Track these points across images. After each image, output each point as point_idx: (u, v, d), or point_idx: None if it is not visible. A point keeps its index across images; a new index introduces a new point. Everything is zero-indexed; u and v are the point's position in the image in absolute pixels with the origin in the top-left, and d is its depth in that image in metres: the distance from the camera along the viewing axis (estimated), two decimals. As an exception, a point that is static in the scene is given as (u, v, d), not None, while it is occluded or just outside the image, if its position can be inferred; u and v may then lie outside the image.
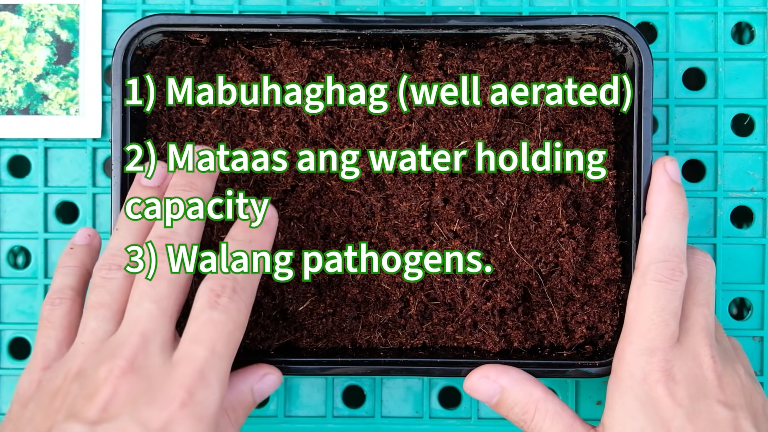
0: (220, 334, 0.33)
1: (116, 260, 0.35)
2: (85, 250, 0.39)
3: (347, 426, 0.44)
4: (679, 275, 0.37)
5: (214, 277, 0.34)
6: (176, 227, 0.35)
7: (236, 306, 0.34)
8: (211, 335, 0.33)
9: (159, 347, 0.33)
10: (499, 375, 0.38)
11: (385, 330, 0.41)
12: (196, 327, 0.33)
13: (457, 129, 0.41)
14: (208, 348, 0.33)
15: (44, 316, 0.36)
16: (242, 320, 0.34)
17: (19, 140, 0.44)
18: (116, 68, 0.39)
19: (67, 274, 0.38)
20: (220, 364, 0.33)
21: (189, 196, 0.36)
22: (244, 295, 0.34)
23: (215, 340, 0.33)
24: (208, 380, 0.32)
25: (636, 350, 0.36)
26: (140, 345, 0.32)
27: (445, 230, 0.41)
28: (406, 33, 0.40)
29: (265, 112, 0.41)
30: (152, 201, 0.37)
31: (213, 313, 0.33)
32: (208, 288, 0.34)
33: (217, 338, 0.33)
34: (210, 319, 0.33)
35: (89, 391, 0.32)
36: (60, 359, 0.35)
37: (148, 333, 0.33)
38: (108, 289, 0.35)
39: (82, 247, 0.39)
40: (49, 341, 0.35)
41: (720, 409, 0.35)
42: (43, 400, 0.33)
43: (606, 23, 0.39)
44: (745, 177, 0.44)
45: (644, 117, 0.39)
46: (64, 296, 0.37)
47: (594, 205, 0.41)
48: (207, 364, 0.32)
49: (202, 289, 0.34)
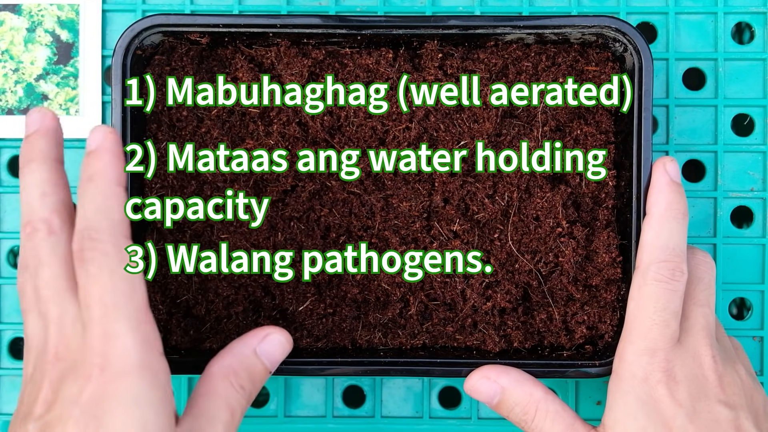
0: (101, 285, 0.31)
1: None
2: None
3: (347, 426, 0.44)
4: (679, 275, 0.37)
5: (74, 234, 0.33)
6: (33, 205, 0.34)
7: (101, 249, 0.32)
8: (96, 290, 0.31)
9: (74, 324, 0.32)
10: (500, 375, 0.38)
11: (385, 330, 0.41)
12: (82, 293, 0.32)
13: (457, 129, 0.41)
14: (98, 306, 0.31)
15: None
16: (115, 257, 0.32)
17: (19, 140, 0.44)
18: (116, 68, 0.39)
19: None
20: (117, 313, 0.31)
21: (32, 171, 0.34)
22: (104, 234, 0.32)
23: (100, 293, 0.31)
24: (115, 334, 0.31)
25: (637, 350, 0.36)
26: (59, 334, 0.32)
27: (445, 230, 0.41)
28: (406, 33, 0.40)
29: (265, 112, 0.41)
30: None
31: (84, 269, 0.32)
32: (73, 250, 0.32)
33: (101, 290, 0.31)
34: (85, 277, 0.32)
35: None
36: None
37: (58, 317, 0.32)
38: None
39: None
40: None
41: (721, 408, 0.35)
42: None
43: (606, 23, 0.39)
44: (745, 177, 0.44)
45: (644, 117, 0.39)
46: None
47: (594, 205, 0.41)
48: (105, 320, 0.31)
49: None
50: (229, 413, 0.33)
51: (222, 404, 0.33)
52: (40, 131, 0.35)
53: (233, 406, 0.34)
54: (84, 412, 0.30)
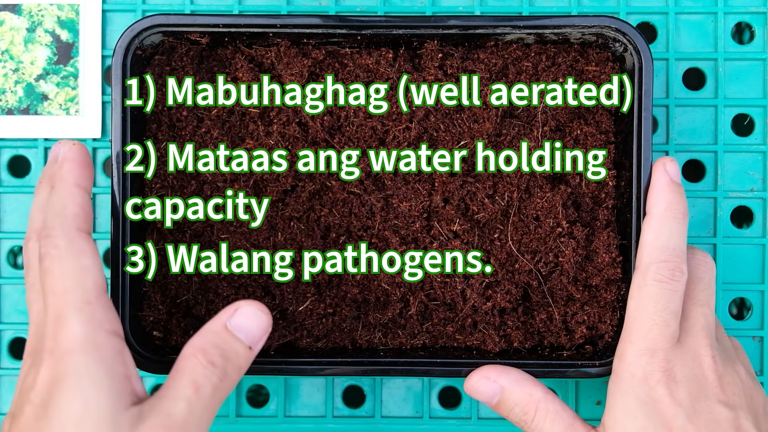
0: (54, 275, 0.32)
1: None
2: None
3: (347, 426, 0.44)
4: (679, 275, 0.37)
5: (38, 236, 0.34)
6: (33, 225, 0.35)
7: (54, 244, 0.33)
8: (47, 281, 0.32)
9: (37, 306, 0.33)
10: (500, 375, 0.38)
11: (385, 330, 0.41)
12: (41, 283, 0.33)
13: (457, 129, 0.41)
14: (51, 293, 0.32)
15: None
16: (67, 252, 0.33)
17: (19, 140, 0.44)
18: (116, 68, 0.39)
19: None
20: (65, 297, 0.32)
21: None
22: (56, 231, 0.33)
23: (52, 282, 0.32)
24: (63, 316, 0.31)
25: (637, 350, 0.36)
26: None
27: (445, 230, 0.41)
28: (406, 33, 0.40)
29: (265, 112, 0.41)
30: None
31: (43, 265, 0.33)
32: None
33: (53, 280, 0.32)
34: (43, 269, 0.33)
35: None
36: None
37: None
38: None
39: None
40: None
41: (721, 408, 0.35)
42: None
43: (606, 23, 0.39)
44: (745, 177, 0.44)
45: (644, 117, 0.39)
46: None
47: (594, 205, 0.41)
48: (55, 306, 0.32)
49: None
50: (192, 389, 0.32)
51: (186, 381, 0.32)
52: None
53: (199, 382, 0.32)
54: (38, 395, 0.31)
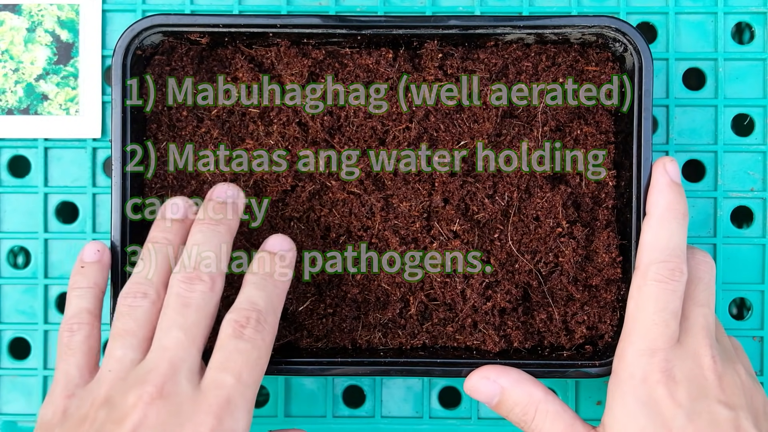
0: (246, 362, 0.34)
1: (141, 288, 0.36)
2: (96, 268, 0.38)
3: (347, 426, 0.44)
4: (679, 275, 0.37)
5: (238, 309, 0.35)
6: (203, 258, 0.36)
7: (261, 336, 0.35)
8: (238, 364, 0.34)
9: (187, 375, 0.33)
10: (500, 375, 0.38)
11: (385, 330, 0.41)
12: (223, 356, 0.34)
13: (457, 129, 0.41)
14: (235, 376, 0.33)
15: (64, 342, 0.36)
16: (266, 349, 0.35)
17: (19, 140, 0.44)
18: (116, 68, 0.39)
19: (82, 297, 0.37)
20: (246, 391, 0.34)
21: (215, 228, 0.37)
22: (267, 326, 0.35)
23: (241, 368, 0.34)
24: (236, 407, 0.33)
25: (636, 350, 0.36)
26: (169, 372, 0.33)
27: (445, 230, 0.41)
28: (406, 33, 0.40)
29: (265, 112, 0.41)
30: (172, 236, 0.37)
31: (239, 343, 0.34)
32: (233, 320, 0.35)
33: (243, 366, 0.34)
34: (236, 348, 0.34)
35: (118, 416, 0.32)
36: (84, 386, 0.35)
37: (177, 361, 0.34)
38: (134, 317, 0.35)
39: (93, 264, 0.38)
40: (70, 368, 0.36)
41: (720, 409, 0.35)
42: (70, 428, 0.33)
43: (606, 23, 0.39)
44: (745, 177, 0.44)
45: (644, 117, 0.39)
46: (82, 321, 0.37)
47: (594, 205, 0.41)
48: (234, 391, 0.33)
49: (227, 320, 0.35)
50: None
51: None
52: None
53: None
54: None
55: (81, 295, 0.37)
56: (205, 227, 0.37)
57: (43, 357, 0.44)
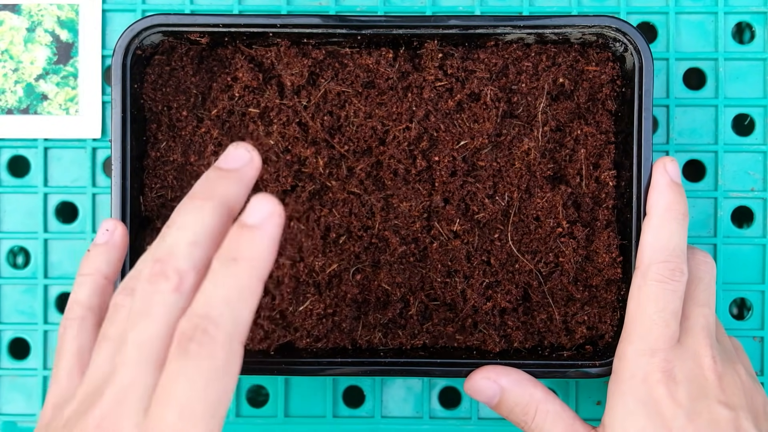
0: (191, 389, 0.27)
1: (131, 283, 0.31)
2: (101, 251, 0.34)
3: (347, 426, 0.44)
4: (679, 275, 0.37)
5: (189, 313, 0.28)
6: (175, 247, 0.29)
7: (209, 350, 0.27)
8: (181, 393, 0.27)
9: (135, 406, 0.27)
10: (500, 376, 0.38)
11: (385, 330, 0.41)
12: (165, 382, 0.27)
13: (457, 129, 0.41)
14: (177, 410, 0.26)
15: (59, 342, 0.33)
16: (224, 367, 0.27)
17: (19, 140, 0.44)
18: (116, 68, 0.39)
19: (78, 287, 0.34)
20: (195, 427, 0.26)
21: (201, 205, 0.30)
22: (221, 334, 0.27)
23: (186, 398, 0.26)
24: None
25: (637, 350, 0.36)
26: (113, 404, 0.28)
27: (445, 230, 0.41)
28: (406, 33, 0.40)
29: (265, 112, 0.41)
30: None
31: (183, 363, 0.27)
32: (180, 330, 0.27)
33: (189, 396, 0.26)
34: (179, 371, 0.27)
35: None
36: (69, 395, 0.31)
37: (125, 387, 0.28)
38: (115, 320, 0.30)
39: (98, 247, 0.34)
40: (59, 372, 0.32)
41: (720, 409, 0.35)
42: None
43: (606, 23, 0.39)
44: (745, 177, 0.44)
45: (644, 117, 0.39)
46: (74, 316, 0.33)
47: (594, 205, 0.41)
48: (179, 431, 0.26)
49: (176, 330, 0.28)
50: None
51: None
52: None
53: None
54: None
55: (79, 284, 0.34)
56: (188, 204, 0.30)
57: (43, 357, 0.44)
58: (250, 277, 0.28)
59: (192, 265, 0.29)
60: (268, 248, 0.29)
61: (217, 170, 0.31)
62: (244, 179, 0.31)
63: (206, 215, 0.29)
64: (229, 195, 0.30)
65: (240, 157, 0.31)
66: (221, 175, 0.30)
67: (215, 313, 0.27)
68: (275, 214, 0.29)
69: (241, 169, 0.31)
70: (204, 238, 0.29)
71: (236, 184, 0.30)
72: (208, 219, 0.29)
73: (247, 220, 0.29)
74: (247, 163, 0.31)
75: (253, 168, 0.31)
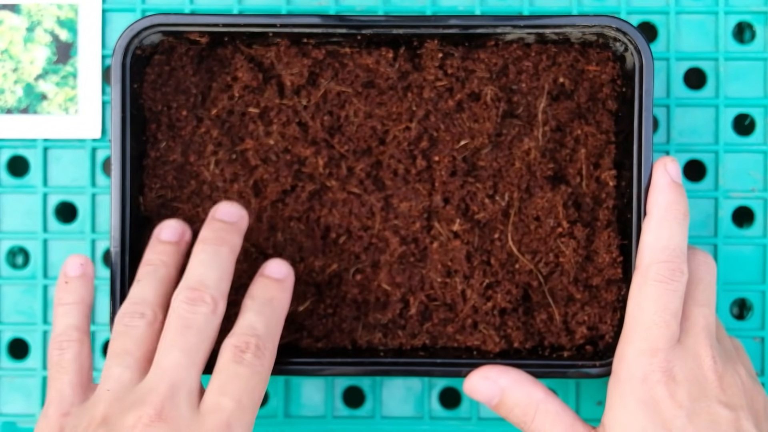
0: (245, 387, 0.34)
1: (138, 308, 0.36)
2: (80, 282, 0.38)
3: (347, 426, 0.44)
4: (679, 275, 0.37)
5: (238, 334, 0.35)
6: (206, 280, 0.35)
7: (260, 362, 0.35)
8: (237, 388, 0.34)
9: (186, 397, 0.33)
10: (500, 376, 0.38)
11: (385, 330, 0.41)
12: (223, 380, 0.34)
13: (457, 129, 0.41)
14: (235, 400, 0.33)
15: (54, 361, 0.36)
16: (265, 375, 0.35)
17: (19, 140, 0.44)
18: (116, 68, 0.39)
19: (68, 314, 0.37)
20: (244, 416, 0.33)
21: (218, 249, 0.37)
22: (266, 352, 0.35)
23: (241, 393, 0.34)
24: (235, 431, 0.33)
25: (637, 351, 0.36)
26: (168, 394, 0.33)
27: (445, 230, 0.41)
28: (406, 33, 0.40)
29: (265, 112, 0.41)
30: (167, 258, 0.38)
31: (239, 368, 0.34)
32: (233, 345, 0.35)
33: (242, 391, 0.34)
34: (236, 373, 0.34)
35: None
36: (80, 405, 0.35)
37: (177, 382, 0.33)
38: (131, 336, 0.35)
39: (77, 279, 0.38)
40: (64, 386, 0.35)
41: (721, 409, 0.35)
42: None
43: (607, 23, 0.39)
44: (745, 177, 0.44)
45: (645, 117, 0.39)
46: (71, 338, 0.36)
47: (594, 205, 0.41)
48: (233, 415, 0.33)
49: (227, 345, 0.35)
50: None
51: None
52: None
53: None
54: None
55: (67, 311, 0.37)
56: (209, 248, 0.36)
57: (43, 357, 0.44)
58: (281, 312, 0.37)
59: (221, 294, 0.36)
60: (290, 294, 0.38)
61: (220, 222, 0.38)
62: (241, 231, 0.38)
63: (223, 258, 0.36)
64: (235, 243, 0.37)
65: (235, 212, 0.38)
66: (224, 227, 0.37)
67: (261, 333, 0.35)
68: (291, 274, 0.38)
69: (238, 222, 0.38)
70: (226, 275, 0.36)
71: (238, 234, 0.38)
72: (225, 261, 0.36)
73: (273, 275, 0.38)
74: (243, 217, 0.38)
75: (245, 223, 0.39)
